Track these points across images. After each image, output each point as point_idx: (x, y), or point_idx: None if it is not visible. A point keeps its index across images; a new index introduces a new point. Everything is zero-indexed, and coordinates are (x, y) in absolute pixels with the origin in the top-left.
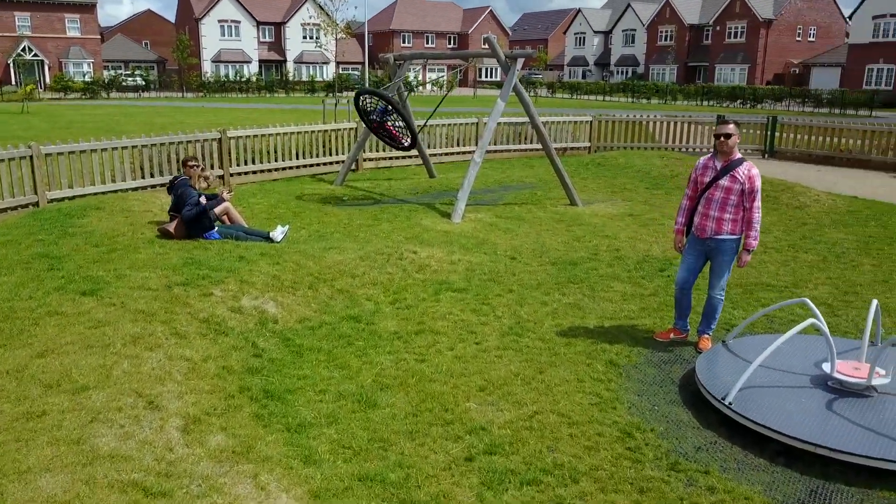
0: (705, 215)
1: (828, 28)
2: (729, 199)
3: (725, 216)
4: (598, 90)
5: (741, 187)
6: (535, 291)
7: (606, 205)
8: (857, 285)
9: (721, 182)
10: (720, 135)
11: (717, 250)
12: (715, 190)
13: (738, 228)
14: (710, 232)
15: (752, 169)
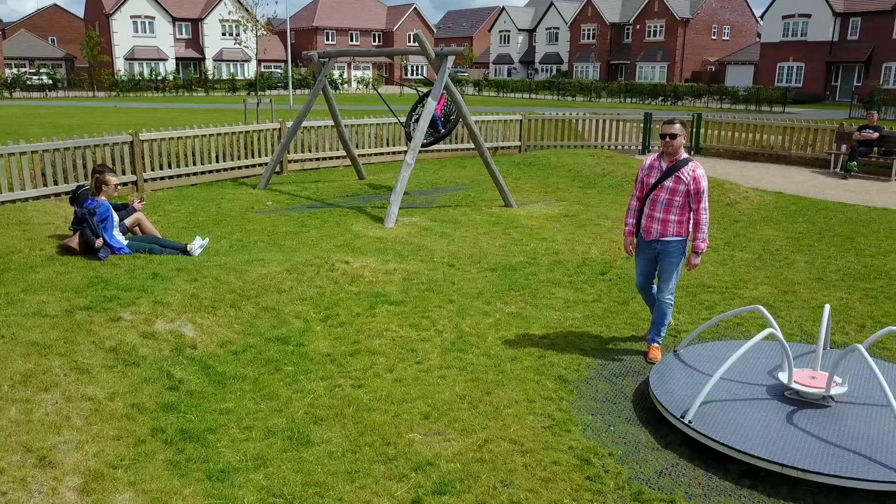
0: (651, 217)
1: (741, 27)
2: (674, 200)
3: (671, 218)
4: (525, 88)
5: (686, 188)
6: (476, 301)
7: (541, 205)
8: (795, 284)
9: (666, 183)
10: (666, 135)
11: (664, 253)
12: (660, 191)
13: (685, 230)
14: (656, 234)
15: (697, 169)
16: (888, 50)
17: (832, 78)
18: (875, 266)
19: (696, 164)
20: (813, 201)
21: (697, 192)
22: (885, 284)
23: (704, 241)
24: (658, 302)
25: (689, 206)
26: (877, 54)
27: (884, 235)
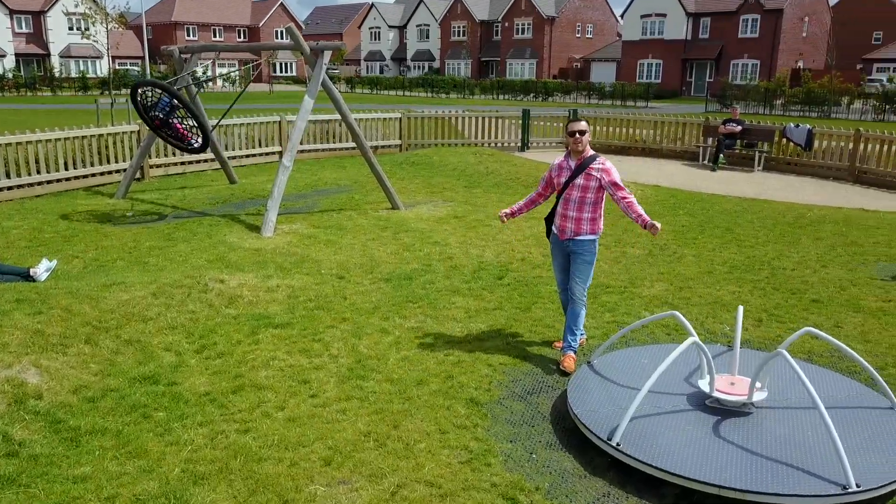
0: (564, 216)
1: (603, 26)
2: (586, 197)
3: (584, 216)
4: (398, 85)
5: (597, 183)
6: (371, 317)
7: (429, 207)
8: (688, 279)
9: (577, 181)
10: (574, 132)
11: (577, 252)
12: (571, 190)
13: (598, 227)
14: (570, 233)
15: (605, 162)
16: (735, 48)
17: (687, 74)
18: (757, 257)
19: (604, 158)
20: (689, 194)
21: (613, 182)
22: (769, 275)
23: (643, 215)
24: (571, 302)
25: (601, 202)
26: (726, 52)
27: (759, 225)
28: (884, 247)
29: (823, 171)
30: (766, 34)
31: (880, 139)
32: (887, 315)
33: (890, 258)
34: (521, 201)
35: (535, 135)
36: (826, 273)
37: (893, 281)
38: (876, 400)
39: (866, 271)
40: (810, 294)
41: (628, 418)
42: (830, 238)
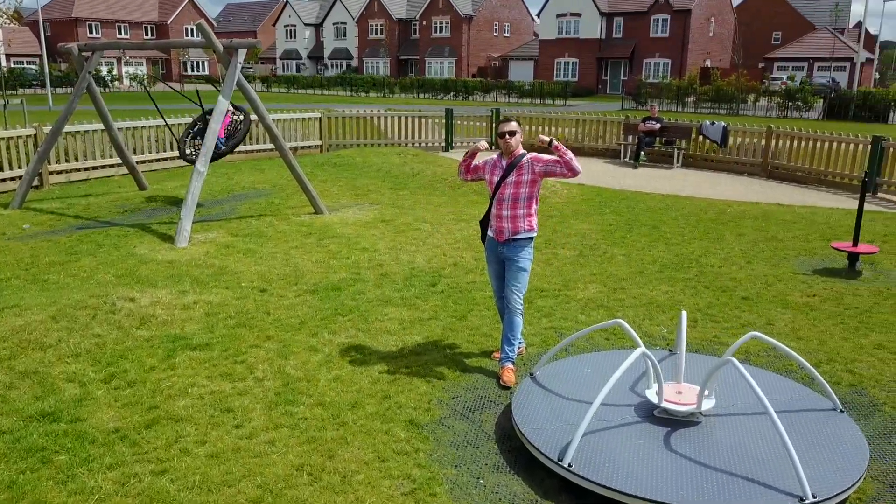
0: (499, 217)
1: (519, 25)
2: (520, 193)
3: (519, 212)
4: (315, 84)
5: (530, 176)
6: (299, 333)
7: (354, 210)
8: (621, 280)
9: (509, 179)
10: (504, 133)
11: (512, 258)
12: (504, 189)
13: (535, 224)
14: (508, 233)
15: (533, 153)
16: (647, 47)
17: (603, 73)
18: (685, 255)
19: (534, 153)
20: (614, 192)
21: (546, 161)
22: (698, 273)
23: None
24: (508, 311)
25: (535, 197)
26: (638, 51)
27: (683, 222)
28: (801, 241)
29: (738, 167)
30: (676, 34)
31: (790, 135)
32: (814, 311)
33: (808, 252)
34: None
35: (460, 134)
36: (752, 269)
37: (814, 275)
38: (819, 402)
39: (788, 266)
40: (740, 291)
41: (579, 438)
42: (752, 234)
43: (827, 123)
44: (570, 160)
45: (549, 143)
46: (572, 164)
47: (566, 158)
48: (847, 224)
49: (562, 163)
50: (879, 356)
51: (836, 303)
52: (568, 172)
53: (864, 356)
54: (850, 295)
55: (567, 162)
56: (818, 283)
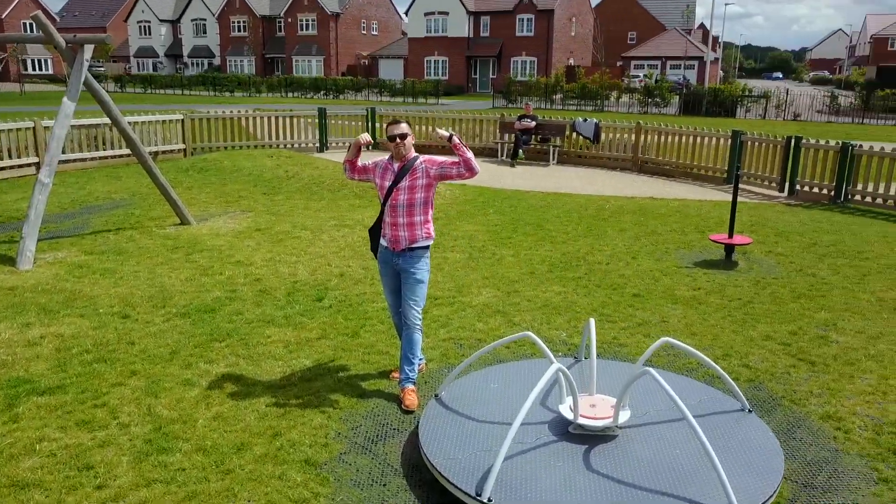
0: (395, 225)
1: (387, 23)
2: (415, 198)
3: (416, 219)
4: (175, 83)
5: (425, 180)
6: (169, 366)
7: (226, 219)
8: (513, 282)
9: (402, 184)
10: (395, 136)
11: (408, 270)
12: (398, 194)
13: (432, 231)
14: (405, 242)
15: (428, 156)
16: (514, 46)
17: (472, 71)
18: (571, 253)
19: (426, 155)
20: (495, 191)
21: (443, 164)
22: (587, 272)
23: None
24: (406, 327)
25: (431, 202)
26: (506, 49)
27: (566, 220)
28: (678, 234)
29: (611, 163)
30: (541, 33)
31: (657, 131)
32: (702, 304)
33: (686, 245)
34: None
35: (335, 134)
36: (638, 265)
37: (696, 268)
38: (727, 403)
39: (671, 260)
40: (630, 288)
41: (497, 469)
42: (632, 229)
43: (683, 118)
44: (470, 159)
45: (448, 138)
46: (472, 164)
47: (466, 157)
48: (717, 215)
49: (460, 162)
50: (769, 348)
51: (720, 295)
52: (466, 173)
53: (755, 349)
54: (732, 286)
55: (467, 161)
56: (700, 275)
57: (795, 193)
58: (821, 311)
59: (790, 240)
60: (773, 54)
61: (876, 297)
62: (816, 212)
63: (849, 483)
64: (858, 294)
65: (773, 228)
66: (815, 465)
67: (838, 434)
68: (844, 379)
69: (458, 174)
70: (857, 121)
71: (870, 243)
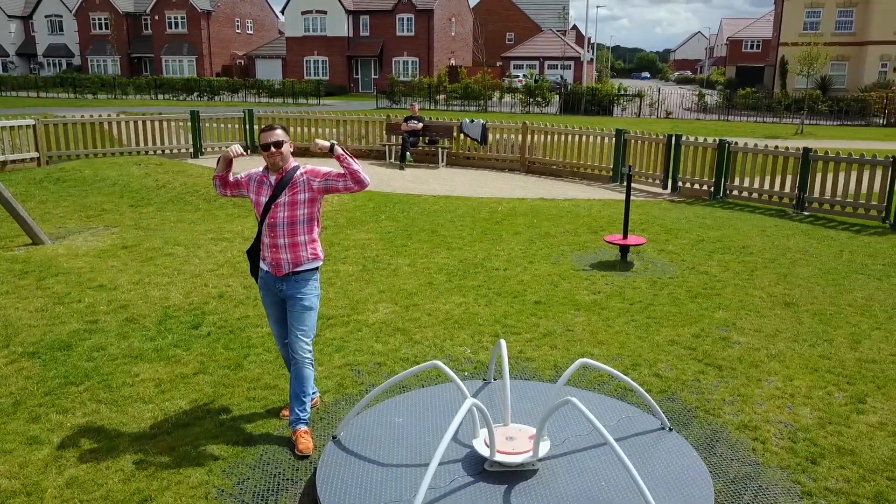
0: (275, 246)
1: (263, 21)
2: (297, 215)
3: (299, 239)
4: (28, 85)
5: (307, 194)
6: (12, 420)
7: (86, 237)
8: (411, 294)
9: (281, 199)
10: (269, 144)
11: (294, 296)
12: (276, 211)
13: (319, 251)
14: (288, 266)
15: (309, 166)
16: (395, 46)
17: (353, 71)
18: (468, 259)
19: (309, 166)
20: (386, 196)
21: (325, 176)
22: (486, 279)
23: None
24: (294, 362)
25: (316, 218)
26: (387, 49)
27: (459, 224)
28: (572, 235)
29: (499, 164)
30: (422, 33)
31: (543, 131)
32: (604, 309)
33: (581, 247)
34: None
35: (210, 139)
36: (535, 270)
37: (593, 270)
38: (647, 422)
39: (567, 263)
40: (530, 295)
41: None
42: (526, 231)
43: (564, 118)
44: (357, 171)
45: (330, 149)
46: (360, 176)
47: (353, 169)
48: (607, 215)
49: (346, 174)
50: (676, 353)
51: (620, 298)
52: (355, 186)
53: (662, 355)
54: (630, 288)
55: (354, 173)
56: (598, 278)
57: (678, 190)
58: (718, 311)
59: (679, 237)
60: (640, 55)
61: (766, 292)
62: (699, 207)
63: (775, 500)
64: (750, 291)
65: (661, 226)
66: (740, 483)
67: (756, 445)
68: (752, 383)
69: (345, 187)
70: (723, 118)
71: (751, 237)
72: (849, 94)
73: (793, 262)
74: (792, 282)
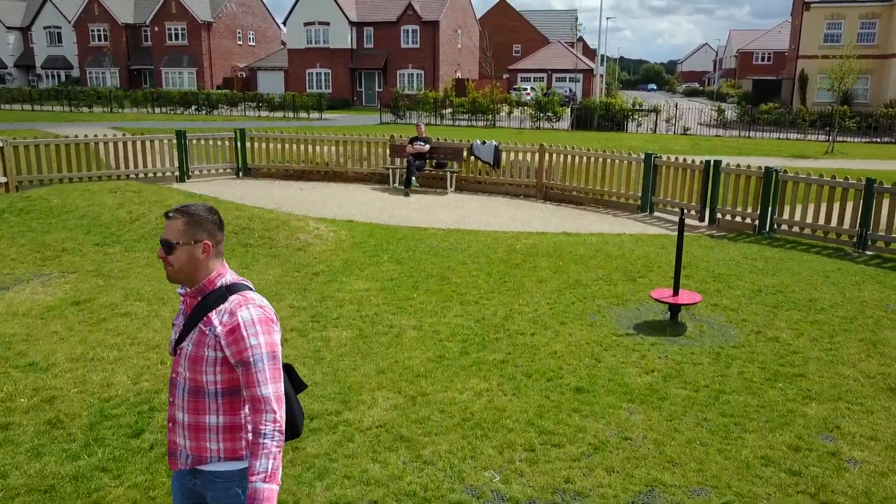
0: (171, 420)
1: (265, 33)
2: (201, 382)
3: (205, 421)
4: (25, 97)
5: (216, 353)
6: None
7: (35, 287)
8: (417, 376)
9: (186, 345)
10: (161, 243)
11: (207, 491)
12: (178, 362)
13: (243, 446)
14: (185, 459)
15: (243, 306)
16: (399, 58)
17: (357, 84)
18: (487, 318)
19: (246, 295)
20: (389, 229)
21: (240, 353)
22: (511, 350)
23: (269, 475)
24: None
25: (243, 394)
26: (391, 61)
27: (473, 267)
28: (606, 283)
29: (514, 189)
30: (427, 45)
31: (562, 152)
32: (663, 400)
33: (619, 300)
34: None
35: (199, 160)
36: (570, 335)
37: (639, 336)
38: None
39: (607, 324)
40: (568, 377)
41: None
42: (552, 278)
43: (576, 133)
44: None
45: None
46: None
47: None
48: (642, 255)
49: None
50: (775, 481)
51: (680, 380)
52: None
53: (759, 486)
54: (690, 364)
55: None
56: (648, 348)
57: (717, 223)
58: (810, 403)
59: (731, 286)
60: (645, 66)
61: (860, 371)
62: (744, 245)
63: None
64: (839, 368)
65: (707, 270)
66: None
67: None
68: None
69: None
70: (744, 133)
71: (815, 286)
72: (872, 109)
73: (876, 322)
74: (885, 353)
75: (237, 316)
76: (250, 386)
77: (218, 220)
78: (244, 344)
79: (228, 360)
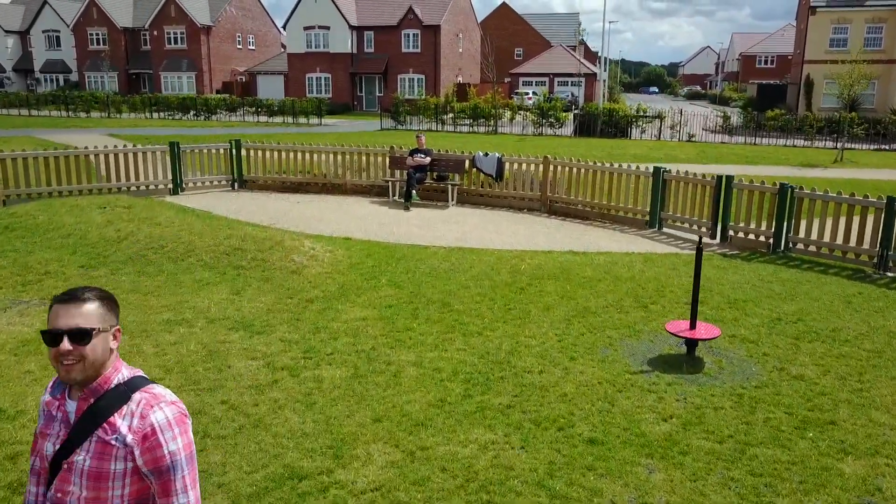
0: None
1: (265, 37)
2: (106, 494)
3: None
4: (23, 102)
5: (126, 464)
6: None
7: (11, 317)
8: (418, 424)
9: (78, 459)
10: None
11: None
12: (67, 479)
13: None
14: None
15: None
16: (400, 62)
17: (357, 88)
18: (490, 353)
19: (152, 391)
20: (388, 248)
21: (156, 461)
22: (517, 392)
23: None
24: None
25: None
26: (392, 66)
27: (476, 292)
28: (617, 311)
29: (517, 202)
30: (428, 49)
31: (567, 165)
32: (685, 455)
33: (631, 331)
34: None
35: (192, 172)
36: (581, 374)
37: (654, 373)
38: None
39: (619, 360)
40: (580, 425)
41: None
42: (559, 305)
43: (580, 140)
44: None
45: None
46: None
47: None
48: (653, 277)
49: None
50: None
51: (702, 429)
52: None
53: None
54: (711, 409)
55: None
56: (665, 388)
57: (728, 240)
58: (846, 459)
59: (748, 313)
60: (646, 69)
61: (895, 417)
62: (759, 265)
63: None
64: (872, 414)
65: (721, 294)
66: None
67: None
68: None
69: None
70: (750, 140)
71: (837, 313)
72: (879, 115)
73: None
74: None
75: (150, 419)
76: (167, 495)
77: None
78: (161, 451)
79: (139, 469)
